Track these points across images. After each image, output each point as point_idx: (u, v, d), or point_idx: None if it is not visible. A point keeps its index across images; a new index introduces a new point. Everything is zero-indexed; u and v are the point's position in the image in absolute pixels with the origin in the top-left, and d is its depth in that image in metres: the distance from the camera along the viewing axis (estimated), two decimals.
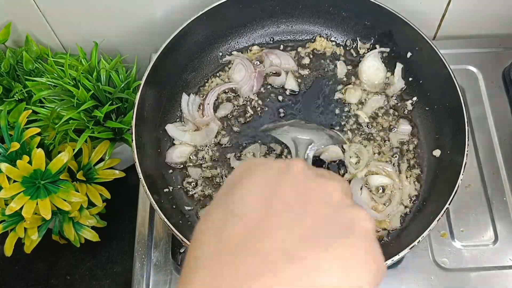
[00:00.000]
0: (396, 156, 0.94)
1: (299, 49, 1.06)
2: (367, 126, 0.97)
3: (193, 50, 1.00)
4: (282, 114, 0.99)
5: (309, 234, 0.37)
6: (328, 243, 0.37)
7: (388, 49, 1.01)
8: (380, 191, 0.91)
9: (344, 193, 0.42)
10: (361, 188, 0.89)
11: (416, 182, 0.92)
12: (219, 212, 0.41)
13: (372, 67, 1.01)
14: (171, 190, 0.91)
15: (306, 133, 0.78)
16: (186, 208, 0.91)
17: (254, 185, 0.41)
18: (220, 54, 1.05)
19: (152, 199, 0.80)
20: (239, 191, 0.41)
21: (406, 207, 0.90)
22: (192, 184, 0.93)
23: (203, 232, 0.40)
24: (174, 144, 0.96)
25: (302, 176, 0.42)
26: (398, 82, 1.00)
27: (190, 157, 0.95)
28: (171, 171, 0.94)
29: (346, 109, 0.99)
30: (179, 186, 0.93)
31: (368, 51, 1.03)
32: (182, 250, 0.91)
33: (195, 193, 0.92)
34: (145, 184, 0.81)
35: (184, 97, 0.99)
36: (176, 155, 0.95)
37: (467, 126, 0.85)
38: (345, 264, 0.36)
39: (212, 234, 0.39)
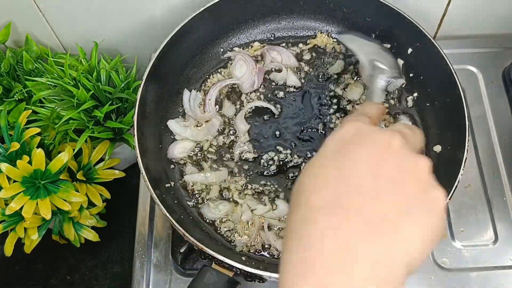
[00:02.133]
0: None
1: (300, 45, 1.06)
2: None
3: (194, 46, 1.01)
4: (279, 111, 0.99)
5: (404, 209, 0.44)
6: (417, 219, 0.44)
7: (389, 45, 1.01)
8: None
9: (430, 172, 0.48)
10: None
11: None
12: (334, 169, 0.46)
13: None
14: (172, 185, 0.91)
15: (384, 60, 0.85)
16: (188, 203, 0.91)
17: (364, 153, 0.47)
18: (222, 50, 1.05)
19: (153, 193, 0.80)
20: (352, 155, 0.47)
21: None
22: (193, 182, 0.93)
23: (319, 181, 0.46)
24: (175, 140, 0.96)
25: (401, 152, 0.47)
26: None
27: (191, 156, 0.95)
28: (172, 166, 0.94)
29: (347, 105, 1.00)
30: (180, 182, 0.93)
31: None
32: (182, 250, 0.91)
33: (195, 189, 0.92)
34: (146, 179, 0.81)
35: (186, 93, 0.99)
36: (178, 150, 0.95)
37: (468, 121, 0.85)
38: (425, 238, 0.44)
39: (331, 186, 0.45)
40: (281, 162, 0.94)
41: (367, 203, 0.44)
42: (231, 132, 0.97)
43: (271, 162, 0.94)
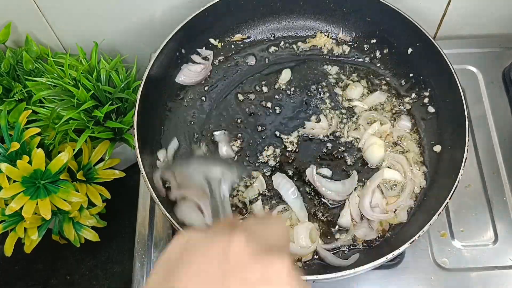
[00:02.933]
0: (397, 152, 0.94)
1: (299, 43, 1.06)
2: (368, 122, 0.98)
3: (194, 46, 1.01)
4: (278, 111, 0.99)
5: None
6: None
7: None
8: (392, 183, 0.91)
9: (290, 273, 0.38)
10: (373, 192, 0.89)
11: (423, 174, 0.92)
12: None
13: None
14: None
15: (215, 169, 0.72)
16: None
17: (195, 277, 0.37)
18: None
19: (153, 193, 0.80)
20: (178, 283, 0.37)
21: (416, 198, 0.89)
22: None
23: None
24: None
25: (244, 260, 0.38)
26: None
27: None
28: None
29: (346, 104, 1.00)
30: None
31: (368, 47, 1.03)
32: None
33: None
34: (146, 179, 0.81)
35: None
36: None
37: (468, 121, 0.85)
38: None
39: None
40: (281, 161, 0.94)
41: None
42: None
43: (272, 163, 0.94)
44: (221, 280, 0.37)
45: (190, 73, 1.01)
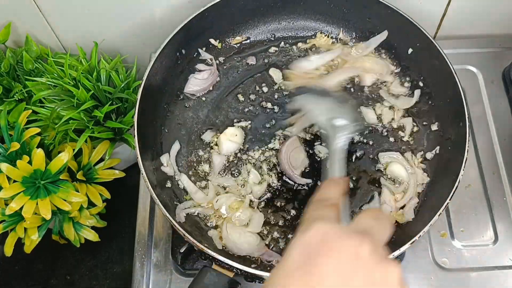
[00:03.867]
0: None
1: (300, 44, 1.06)
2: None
3: (194, 46, 1.01)
4: (277, 110, 0.99)
5: None
6: None
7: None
8: (397, 184, 0.91)
9: (400, 278, 0.48)
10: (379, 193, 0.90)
11: (424, 172, 0.92)
12: (300, 284, 0.45)
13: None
14: (172, 185, 0.91)
15: (343, 114, 0.78)
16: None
17: (331, 266, 0.46)
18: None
19: (153, 193, 0.80)
20: (318, 269, 0.46)
21: (418, 196, 0.89)
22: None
23: None
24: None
25: (370, 261, 0.47)
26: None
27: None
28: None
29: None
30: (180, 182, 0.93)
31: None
32: (182, 250, 0.91)
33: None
34: (146, 179, 0.81)
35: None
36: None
37: (468, 121, 0.85)
38: None
39: None
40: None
41: None
42: None
43: (272, 170, 0.94)
44: (351, 276, 0.45)
45: (197, 81, 1.00)
